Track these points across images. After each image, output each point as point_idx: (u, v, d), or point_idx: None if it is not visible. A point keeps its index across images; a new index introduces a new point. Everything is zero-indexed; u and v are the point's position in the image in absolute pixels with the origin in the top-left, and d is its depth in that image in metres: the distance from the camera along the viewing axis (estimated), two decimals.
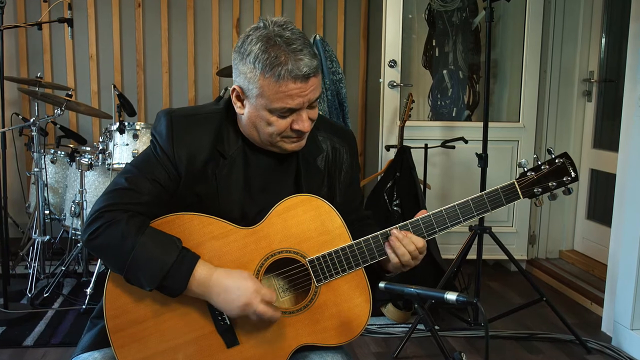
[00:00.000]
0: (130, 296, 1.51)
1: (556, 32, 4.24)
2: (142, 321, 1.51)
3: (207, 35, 4.78)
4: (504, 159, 4.19)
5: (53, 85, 4.00)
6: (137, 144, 3.62)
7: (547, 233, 4.46)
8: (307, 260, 1.54)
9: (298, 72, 1.43)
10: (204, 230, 1.52)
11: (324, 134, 1.69)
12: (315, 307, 1.55)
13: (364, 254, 1.56)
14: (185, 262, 1.46)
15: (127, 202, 1.49)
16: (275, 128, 1.51)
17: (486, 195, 1.58)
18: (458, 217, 1.58)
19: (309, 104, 1.50)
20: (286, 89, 1.44)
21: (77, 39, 4.62)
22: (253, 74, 1.47)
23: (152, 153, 1.57)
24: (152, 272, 1.44)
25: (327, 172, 1.67)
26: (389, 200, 3.55)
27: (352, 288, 1.56)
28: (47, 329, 3.15)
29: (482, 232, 3.19)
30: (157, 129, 1.58)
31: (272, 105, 1.47)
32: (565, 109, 4.32)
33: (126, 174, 1.54)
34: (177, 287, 1.46)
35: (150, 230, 1.48)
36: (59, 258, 3.94)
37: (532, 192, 1.60)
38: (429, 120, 4.53)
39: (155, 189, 1.52)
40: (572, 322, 3.19)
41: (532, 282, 3.16)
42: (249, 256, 1.53)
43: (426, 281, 3.32)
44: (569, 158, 1.61)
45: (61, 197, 3.92)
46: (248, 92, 1.50)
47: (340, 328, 1.55)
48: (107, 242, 1.47)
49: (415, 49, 4.58)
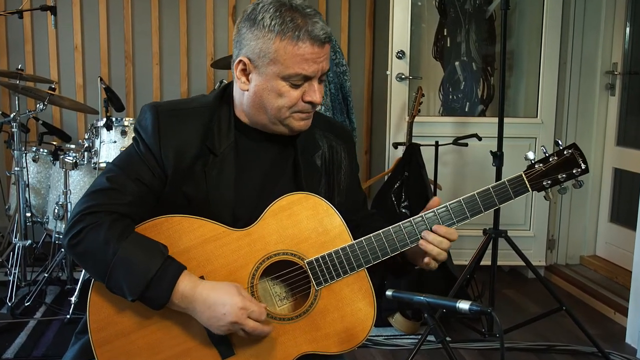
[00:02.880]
0: (116, 306, 1.51)
1: (577, 20, 4.24)
2: (129, 333, 1.51)
3: (201, 24, 4.80)
4: (520, 158, 4.13)
5: (35, 78, 4.01)
6: (125, 141, 3.63)
7: (567, 237, 4.46)
8: (306, 262, 1.55)
9: (317, 33, 1.49)
10: (194, 234, 1.53)
11: (320, 132, 1.70)
12: (316, 313, 1.56)
13: (366, 254, 1.56)
14: (169, 271, 1.46)
15: (109, 203, 1.50)
16: (286, 99, 1.53)
17: (493, 189, 1.61)
18: (464, 212, 1.59)
19: (320, 76, 1.54)
20: (304, 51, 1.48)
21: (60, 28, 4.63)
22: (267, 38, 1.49)
23: (135, 151, 1.58)
24: (134, 281, 1.43)
25: (324, 170, 1.68)
26: (397, 202, 3.56)
27: (354, 291, 1.57)
28: (29, 340, 3.16)
29: (497, 236, 3.20)
30: (142, 124, 1.58)
31: (287, 72, 1.50)
32: (586, 103, 4.32)
33: (108, 174, 1.55)
34: (159, 299, 1.45)
35: (135, 235, 1.49)
36: (42, 264, 3.94)
37: (540, 185, 1.63)
38: (439, 116, 4.54)
39: (139, 189, 1.53)
40: (594, 333, 3.18)
41: (551, 290, 3.17)
42: (243, 260, 1.54)
43: (437, 289, 3.32)
44: (578, 149, 1.65)
45: (44, 198, 3.93)
46: (258, 61, 1.52)
47: (343, 334, 1.56)
48: (89, 248, 1.47)
49: (425, 39, 4.59)
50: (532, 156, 1.65)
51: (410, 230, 1.58)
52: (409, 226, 1.58)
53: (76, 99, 4.63)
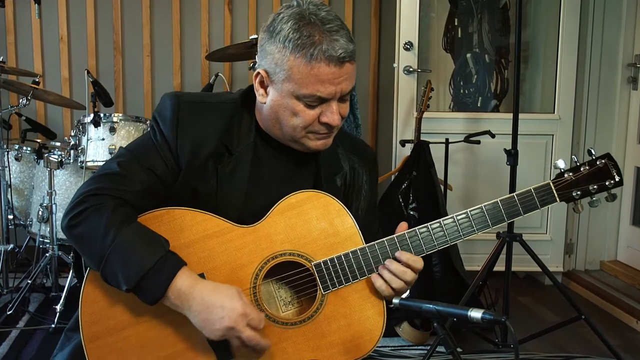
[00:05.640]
0: (110, 300, 1.52)
1: (597, 8, 4.25)
2: (122, 329, 1.52)
3: (195, 14, 4.80)
4: (536, 156, 4.20)
5: (17, 71, 4.03)
6: (114, 138, 3.64)
7: (587, 241, 4.47)
8: (313, 265, 1.56)
9: (333, 53, 1.46)
10: (196, 228, 1.54)
11: (344, 151, 1.71)
12: (321, 319, 1.56)
13: (378, 259, 1.58)
14: (167, 265, 1.47)
15: (117, 188, 1.51)
16: (300, 120, 1.53)
17: (518, 197, 1.61)
18: (486, 220, 1.60)
19: (341, 96, 1.52)
20: (318, 72, 1.47)
21: (45, 18, 4.64)
22: (282, 54, 1.49)
23: (151, 139, 1.60)
24: (131, 270, 1.44)
25: (343, 192, 1.69)
26: (404, 204, 3.57)
27: (363, 298, 1.58)
28: (11, 351, 3.16)
29: (512, 240, 3.19)
30: (161, 113, 1.60)
31: (301, 91, 1.49)
32: (607, 98, 4.32)
33: (119, 158, 1.57)
34: (154, 293, 1.46)
35: (137, 224, 1.50)
36: (25, 270, 3.95)
37: (570, 196, 1.63)
38: (450, 111, 4.55)
39: (149, 179, 1.55)
40: (614, 344, 3.19)
41: (569, 298, 3.17)
42: (246, 258, 1.55)
43: (447, 296, 3.33)
44: (612, 159, 1.64)
45: (27, 199, 3.94)
46: (274, 76, 1.52)
47: (349, 343, 1.57)
48: (88, 230, 1.48)
49: (434, 30, 4.60)
50: (563, 165, 1.64)
51: (427, 235, 1.59)
52: (425, 232, 1.59)
53: (62, 93, 4.63)
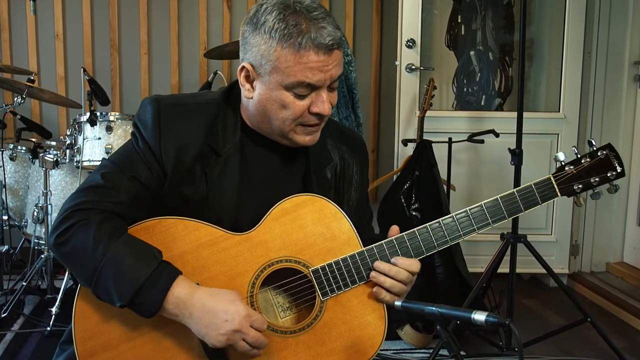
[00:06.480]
0: (104, 315, 1.52)
1: (603, 5, 4.24)
2: (117, 345, 1.52)
3: (193, 11, 4.80)
4: (541, 156, 4.20)
5: (12, 69, 4.02)
6: (111, 137, 3.64)
7: (592, 242, 4.47)
8: (311, 271, 1.56)
9: (322, 41, 1.46)
10: (189, 237, 1.53)
11: (333, 142, 1.71)
12: (321, 326, 1.56)
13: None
14: (162, 276, 1.46)
15: (102, 200, 1.50)
16: (290, 112, 1.52)
17: (518, 193, 1.60)
18: (486, 219, 1.59)
19: (330, 84, 1.52)
20: (307, 60, 1.47)
21: (40, 15, 4.64)
22: (268, 45, 1.48)
23: (133, 146, 1.59)
24: (124, 285, 1.44)
25: (334, 184, 1.69)
26: (406, 204, 3.56)
27: (363, 303, 1.58)
28: (6, 354, 3.16)
29: (516, 242, 3.20)
30: (142, 118, 1.59)
31: (289, 80, 1.49)
32: (613, 96, 4.32)
33: (103, 170, 1.56)
34: (151, 306, 1.46)
35: (127, 236, 1.49)
36: (20, 272, 3.95)
37: (571, 189, 1.62)
38: (453, 110, 4.55)
39: (135, 187, 1.54)
40: (621, 347, 3.19)
41: (574, 300, 3.17)
42: (242, 266, 1.54)
43: (450, 299, 3.33)
44: (614, 150, 1.64)
45: (22, 200, 3.94)
46: (260, 69, 1.52)
47: (350, 350, 1.56)
48: (77, 247, 1.47)
49: (437, 27, 4.60)
50: (563, 157, 1.63)
51: (426, 237, 1.58)
52: (424, 232, 1.59)
53: (57, 91, 4.63)
